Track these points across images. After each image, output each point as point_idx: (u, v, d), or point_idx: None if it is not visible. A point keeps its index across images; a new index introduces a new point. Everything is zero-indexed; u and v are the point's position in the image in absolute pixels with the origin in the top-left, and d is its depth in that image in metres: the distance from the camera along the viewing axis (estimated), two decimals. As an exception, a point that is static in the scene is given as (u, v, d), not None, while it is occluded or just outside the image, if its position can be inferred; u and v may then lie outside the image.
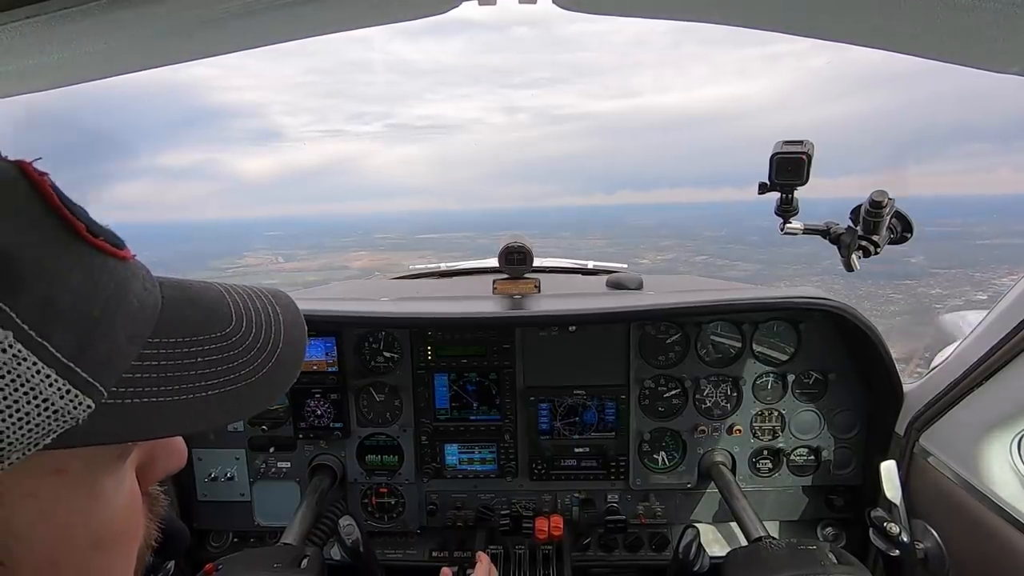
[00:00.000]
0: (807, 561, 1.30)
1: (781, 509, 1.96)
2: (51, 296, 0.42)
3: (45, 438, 0.42)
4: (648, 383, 1.91)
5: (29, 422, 0.41)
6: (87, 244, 0.45)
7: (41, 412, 0.41)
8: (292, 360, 0.56)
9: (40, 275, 0.41)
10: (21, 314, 0.40)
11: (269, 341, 0.55)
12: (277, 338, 0.56)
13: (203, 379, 0.50)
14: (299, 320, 0.59)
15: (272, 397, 0.54)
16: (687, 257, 46.06)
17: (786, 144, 1.35)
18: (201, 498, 1.98)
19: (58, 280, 0.43)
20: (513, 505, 1.99)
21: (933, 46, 0.81)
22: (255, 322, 0.55)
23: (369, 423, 1.95)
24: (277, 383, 0.54)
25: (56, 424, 0.42)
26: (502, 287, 2.01)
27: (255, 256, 67.42)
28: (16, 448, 0.41)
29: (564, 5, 0.84)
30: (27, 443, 0.41)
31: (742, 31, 0.87)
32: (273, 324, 0.56)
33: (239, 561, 1.38)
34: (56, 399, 0.42)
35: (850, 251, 1.38)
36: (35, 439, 0.41)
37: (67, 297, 0.43)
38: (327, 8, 0.80)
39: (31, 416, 0.41)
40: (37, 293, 0.41)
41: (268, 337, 0.55)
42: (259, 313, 0.56)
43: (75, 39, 0.74)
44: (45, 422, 0.41)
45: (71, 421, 0.43)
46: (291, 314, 0.59)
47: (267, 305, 0.58)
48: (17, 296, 0.39)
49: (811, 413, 1.90)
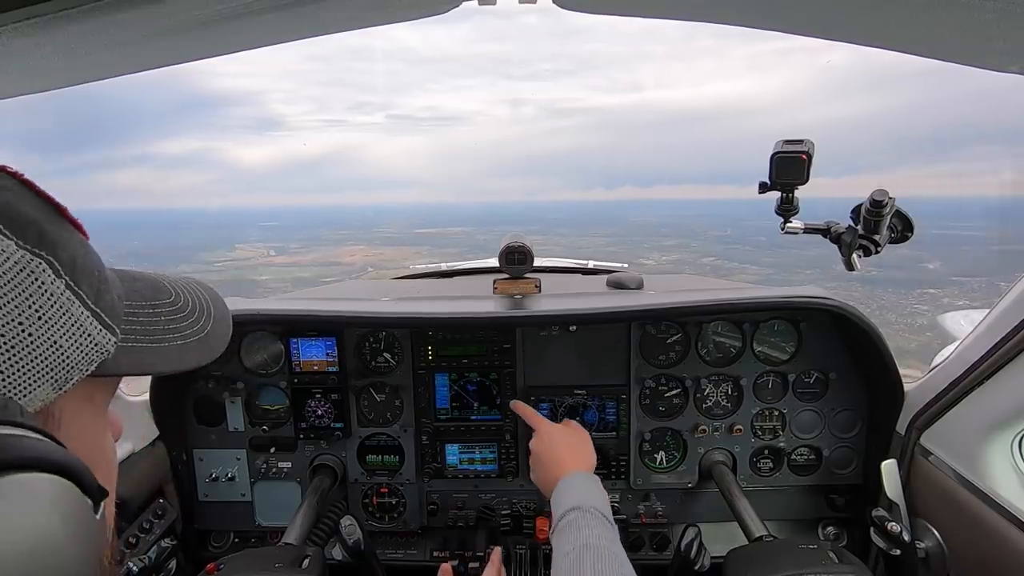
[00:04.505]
0: (808, 560, 1.30)
1: (782, 508, 1.96)
2: (74, 255, 0.55)
3: (91, 365, 0.56)
4: (649, 383, 1.91)
5: (80, 349, 0.55)
6: (71, 222, 0.57)
7: (87, 343, 0.55)
8: (227, 322, 0.75)
9: (63, 241, 0.54)
10: (64, 268, 0.53)
11: (206, 310, 0.72)
12: (211, 310, 0.73)
13: (171, 332, 0.66)
14: (221, 299, 0.77)
15: (219, 350, 0.72)
16: (693, 259, 45.83)
17: (786, 143, 1.35)
18: (202, 498, 1.98)
19: (72, 244, 0.55)
20: (514, 505, 1.99)
21: (933, 45, 0.81)
22: (191, 297, 0.72)
23: (370, 423, 1.96)
24: (221, 337, 0.73)
25: (96, 354, 0.56)
26: (502, 287, 2.02)
27: (247, 248, 67.24)
28: (76, 371, 0.55)
29: (565, 5, 0.84)
30: (82, 367, 0.55)
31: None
32: (206, 299, 0.74)
33: (240, 561, 1.38)
34: (95, 332, 0.56)
35: (851, 250, 1.38)
36: (86, 365, 0.55)
37: (82, 257, 0.56)
38: (327, 8, 0.80)
39: (82, 345, 0.55)
40: (68, 252, 0.54)
41: (205, 307, 0.73)
42: (193, 292, 0.73)
43: (75, 39, 0.74)
44: (90, 351, 0.56)
45: (104, 354, 0.57)
46: (218, 301, 0.76)
47: (198, 287, 0.76)
48: (59, 254, 0.53)
49: (812, 412, 1.90)
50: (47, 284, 0.52)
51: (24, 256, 0.51)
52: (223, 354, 0.74)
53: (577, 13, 0.85)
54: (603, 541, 1.15)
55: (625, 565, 1.12)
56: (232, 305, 1.85)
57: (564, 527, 1.22)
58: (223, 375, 1.90)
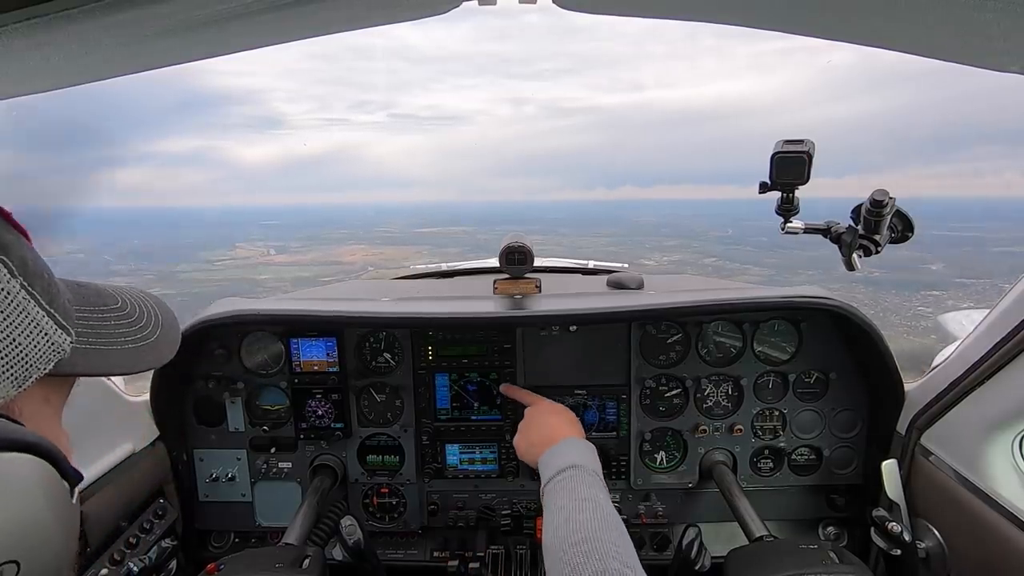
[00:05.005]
0: (809, 560, 1.30)
1: (782, 508, 1.96)
2: (24, 258, 0.56)
3: (49, 364, 0.57)
4: (649, 383, 1.91)
5: (38, 348, 0.56)
6: (16, 227, 0.58)
7: (44, 342, 0.56)
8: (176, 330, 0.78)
9: (11, 243, 0.55)
10: (16, 269, 0.54)
11: (154, 317, 0.74)
12: (159, 318, 0.75)
13: (120, 336, 0.68)
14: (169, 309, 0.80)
15: (168, 356, 0.74)
16: (695, 259, 45.72)
17: (787, 143, 1.35)
18: (202, 499, 1.98)
19: (21, 247, 0.56)
20: (514, 505, 1.99)
21: (933, 45, 0.81)
22: (138, 305, 0.74)
23: (370, 423, 1.96)
24: (170, 344, 0.75)
25: (53, 353, 0.57)
26: (503, 287, 2.01)
27: (247, 247, 67.24)
28: (34, 370, 0.56)
29: (564, 5, 0.84)
30: (40, 366, 0.56)
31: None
32: (153, 307, 0.76)
33: (240, 561, 1.38)
34: (51, 332, 0.57)
35: (851, 250, 1.38)
36: (43, 364, 0.57)
37: (31, 260, 0.57)
38: (327, 8, 0.80)
39: (40, 344, 0.56)
40: (17, 255, 0.55)
41: (153, 314, 0.75)
42: (139, 301, 0.75)
43: (75, 39, 0.74)
44: (47, 351, 0.57)
45: (60, 353, 0.58)
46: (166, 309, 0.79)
47: (145, 297, 0.78)
48: (10, 255, 0.54)
49: (812, 412, 1.90)
50: (4, 283, 0.53)
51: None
52: (224, 354, 0.77)
53: (579, 13, 0.85)
54: (602, 500, 1.14)
55: (623, 527, 1.10)
56: (232, 305, 1.86)
57: (562, 482, 1.20)
58: (223, 375, 1.89)
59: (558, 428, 1.46)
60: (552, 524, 1.11)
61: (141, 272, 29.40)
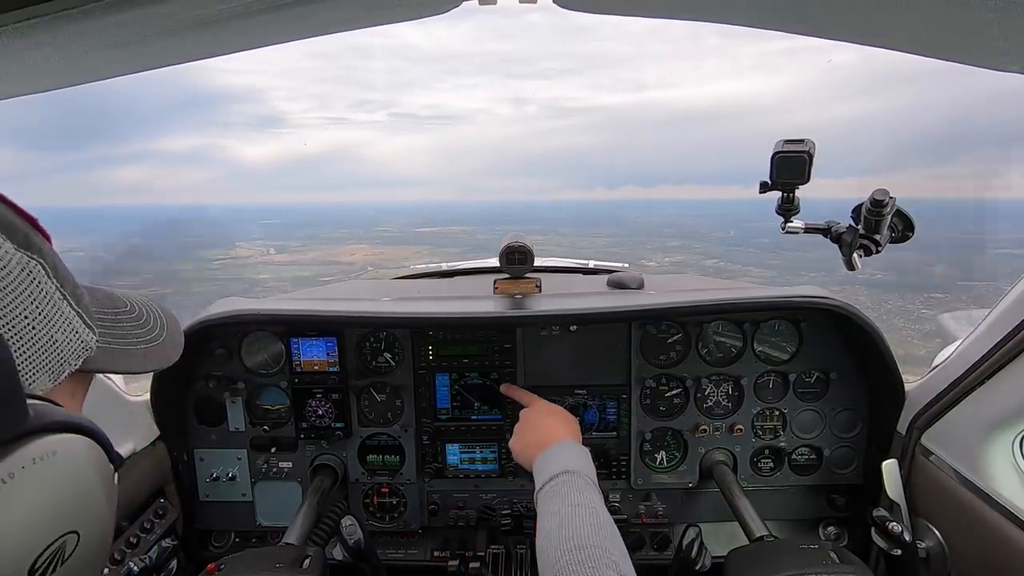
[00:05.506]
0: (809, 560, 1.30)
1: (782, 508, 1.96)
2: (54, 261, 0.60)
3: (78, 360, 0.62)
4: (649, 382, 1.91)
5: (71, 345, 0.60)
6: (42, 232, 0.61)
7: (75, 340, 0.61)
8: (179, 332, 0.82)
9: (43, 247, 0.59)
10: (49, 272, 0.58)
11: (159, 320, 0.79)
12: (163, 320, 0.79)
13: (135, 337, 0.73)
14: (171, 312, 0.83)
15: (175, 356, 0.78)
16: (696, 260, 45.63)
17: (787, 143, 1.35)
18: (203, 498, 1.98)
19: (50, 251, 0.60)
20: (514, 505, 1.99)
21: (934, 45, 0.81)
22: (144, 308, 0.78)
23: (370, 423, 1.96)
24: (176, 345, 0.80)
25: (82, 350, 0.62)
26: (503, 287, 2.01)
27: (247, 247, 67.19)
28: (67, 365, 0.60)
29: (565, 4, 0.84)
30: (72, 362, 0.61)
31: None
32: (157, 310, 0.80)
33: (241, 561, 1.38)
34: (81, 331, 0.62)
35: (851, 250, 1.38)
36: (74, 360, 0.61)
37: (60, 264, 0.61)
38: (327, 8, 0.80)
39: (72, 342, 0.61)
40: (50, 258, 0.59)
41: (158, 317, 0.79)
42: (145, 304, 0.79)
43: (75, 39, 0.74)
44: (78, 348, 0.62)
45: (88, 350, 0.63)
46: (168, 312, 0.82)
47: (147, 300, 0.81)
48: (44, 259, 0.58)
49: (812, 412, 1.90)
50: (43, 284, 0.57)
51: (22, 258, 0.55)
52: (224, 354, 0.79)
53: (581, 13, 0.85)
54: (596, 506, 1.15)
55: (617, 533, 1.11)
56: (232, 305, 1.86)
57: (555, 487, 1.21)
58: (224, 375, 1.89)
59: (553, 430, 1.46)
60: (545, 530, 1.11)
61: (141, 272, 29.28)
